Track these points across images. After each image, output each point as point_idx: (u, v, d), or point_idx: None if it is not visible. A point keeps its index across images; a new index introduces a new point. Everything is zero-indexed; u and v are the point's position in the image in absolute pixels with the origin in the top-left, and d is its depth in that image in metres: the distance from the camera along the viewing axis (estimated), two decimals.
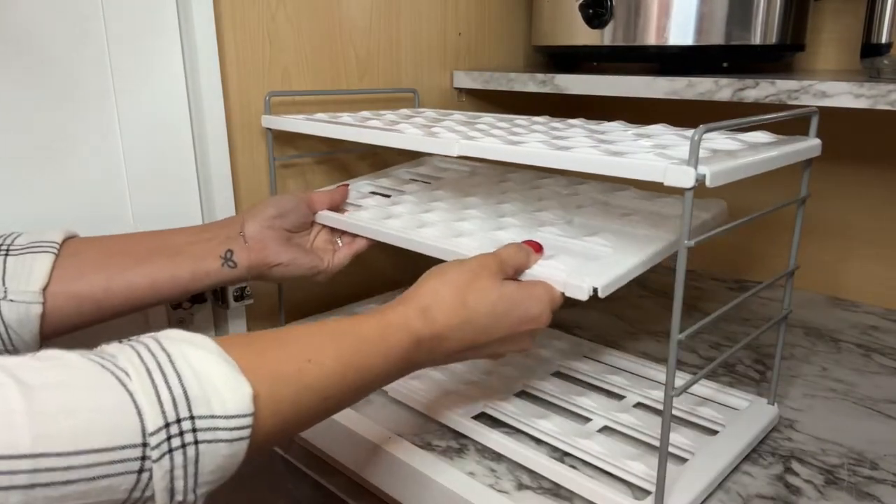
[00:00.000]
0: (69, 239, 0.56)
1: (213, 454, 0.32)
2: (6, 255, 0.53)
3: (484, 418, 0.60)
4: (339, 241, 0.71)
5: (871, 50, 0.68)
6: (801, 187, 0.55)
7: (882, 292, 0.91)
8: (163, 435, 0.30)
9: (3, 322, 0.51)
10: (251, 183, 0.76)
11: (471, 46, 0.98)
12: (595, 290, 0.46)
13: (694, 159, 0.39)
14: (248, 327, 0.77)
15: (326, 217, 0.68)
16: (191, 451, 0.31)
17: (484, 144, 0.53)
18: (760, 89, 0.67)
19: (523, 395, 0.65)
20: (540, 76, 0.85)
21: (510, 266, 0.50)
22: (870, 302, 0.92)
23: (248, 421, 0.32)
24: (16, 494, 0.25)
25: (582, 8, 0.84)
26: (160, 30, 0.67)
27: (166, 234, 0.61)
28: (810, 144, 0.52)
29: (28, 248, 0.53)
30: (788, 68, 0.94)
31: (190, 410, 0.31)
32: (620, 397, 0.63)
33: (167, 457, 0.30)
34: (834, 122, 0.66)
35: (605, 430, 0.58)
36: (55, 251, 0.54)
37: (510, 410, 0.60)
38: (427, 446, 0.58)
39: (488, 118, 0.72)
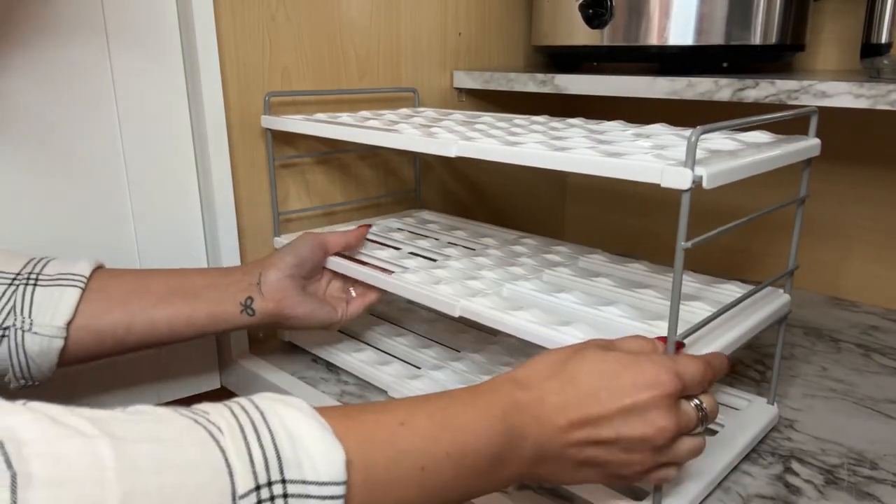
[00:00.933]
0: (96, 270, 0.56)
1: None
2: (35, 285, 0.52)
3: None
4: (352, 291, 0.70)
5: (871, 50, 0.68)
6: (800, 187, 0.55)
7: (882, 292, 0.91)
8: (253, 499, 0.28)
9: (25, 352, 0.51)
10: (251, 183, 0.76)
11: (471, 46, 0.98)
12: None
13: (691, 161, 0.39)
14: None
15: (369, 276, 0.65)
16: None
17: (482, 145, 0.53)
18: (760, 89, 0.67)
19: None
20: (540, 76, 0.85)
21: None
22: (870, 302, 0.92)
23: (340, 490, 0.30)
24: None
25: (582, 8, 0.84)
26: (160, 30, 0.67)
27: (186, 274, 0.61)
28: (809, 144, 0.52)
29: (57, 279, 0.53)
30: (788, 68, 0.94)
31: (282, 473, 0.29)
32: None
33: None
34: (834, 122, 0.66)
35: None
36: (82, 286, 0.54)
37: None
38: None
39: (487, 118, 0.72)
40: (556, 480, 0.42)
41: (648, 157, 0.44)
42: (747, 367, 0.72)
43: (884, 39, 0.67)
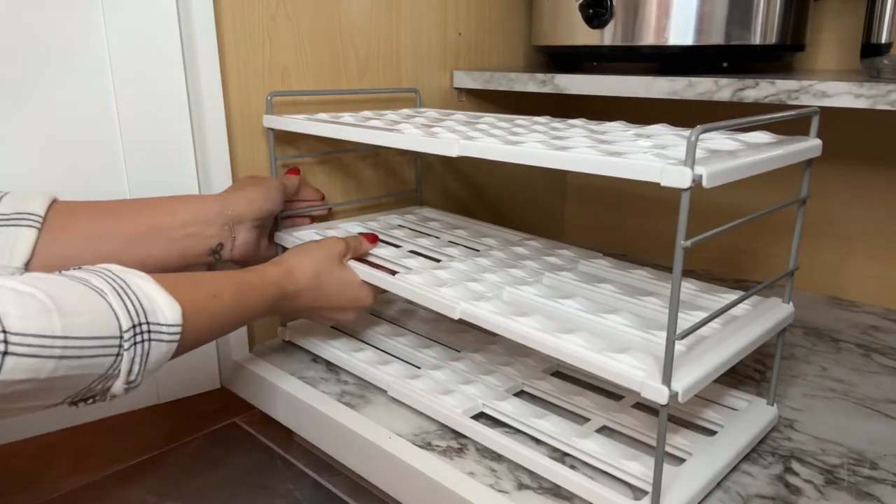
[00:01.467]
0: (53, 205, 0.56)
1: (157, 350, 0.45)
2: None
3: (484, 418, 0.60)
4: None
5: (871, 50, 0.68)
6: (801, 188, 0.55)
7: (882, 292, 0.91)
8: (130, 333, 0.42)
9: None
10: None
11: (471, 46, 0.98)
12: (676, 394, 0.43)
13: (690, 160, 0.39)
14: None
15: (372, 276, 0.65)
16: (146, 346, 0.44)
17: (483, 144, 0.53)
18: (760, 89, 0.67)
19: (523, 394, 0.65)
20: (540, 76, 0.85)
21: (353, 252, 0.67)
22: (870, 302, 0.92)
23: (179, 329, 0.46)
24: (51, 362, 0.38)
25: (582, 8, 0.84)
26: (160, 30, 0.67)
27: (155, 212, 0.61)
28: (810, 145, 0.52)
29: (11, 219, 0.53)
30: (788, 68, 0.94)
31: (146, 318, 0.44)
32: (619, 397, 0.63)
33: (132, 348, 0.43)
34: (834, 122, 0.66)
35: (604, 430, 0.59)
36: (38, 225, 0.54)
37: (510, 410, 0.60)
38: (427, 446, 0.58)
39: (489, 118, 0.72)
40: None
41: (648, 156, 0.44)
42: (747, 367, 0.72)
43: (884, 39, 0.67)
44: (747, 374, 0.71)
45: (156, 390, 0.75)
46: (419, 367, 0.69)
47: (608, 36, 0.83)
